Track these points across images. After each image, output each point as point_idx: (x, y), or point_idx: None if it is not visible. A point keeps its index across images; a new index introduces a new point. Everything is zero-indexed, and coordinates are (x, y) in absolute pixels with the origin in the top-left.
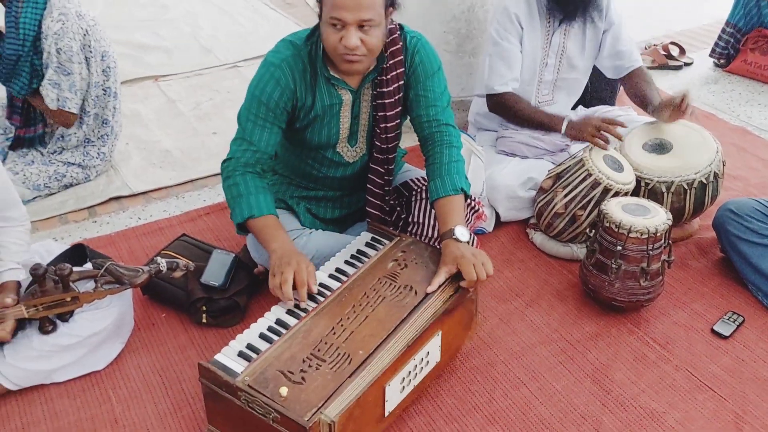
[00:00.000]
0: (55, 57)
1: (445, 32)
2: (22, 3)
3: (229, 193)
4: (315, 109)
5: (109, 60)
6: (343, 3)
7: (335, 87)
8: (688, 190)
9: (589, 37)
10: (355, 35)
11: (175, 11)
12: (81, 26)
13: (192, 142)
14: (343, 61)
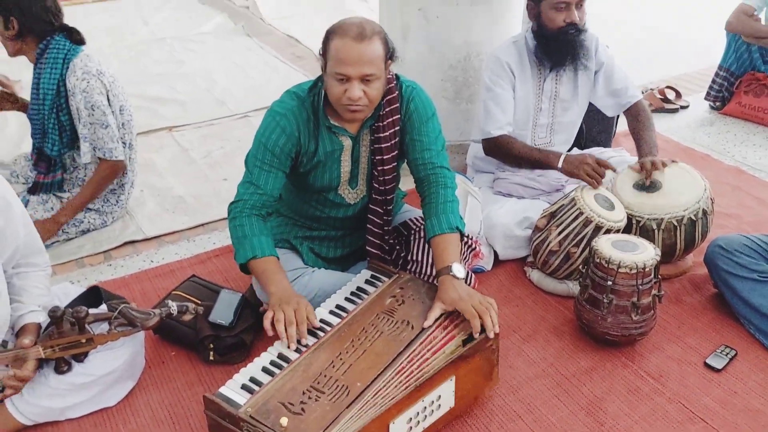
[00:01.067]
0: (86, 113)
1: (442, 80)
2: (43, 64)
3: (235, 233)
4: (317, 155)
5: (126, 114)
6: (347, 60)
7: (336, 134)
8: (678, 227)
9: (582, 80)
10: (358, 88)
11: (191, 66)
12: (103, 83)
13: (203, 188)
14: (347, 111)
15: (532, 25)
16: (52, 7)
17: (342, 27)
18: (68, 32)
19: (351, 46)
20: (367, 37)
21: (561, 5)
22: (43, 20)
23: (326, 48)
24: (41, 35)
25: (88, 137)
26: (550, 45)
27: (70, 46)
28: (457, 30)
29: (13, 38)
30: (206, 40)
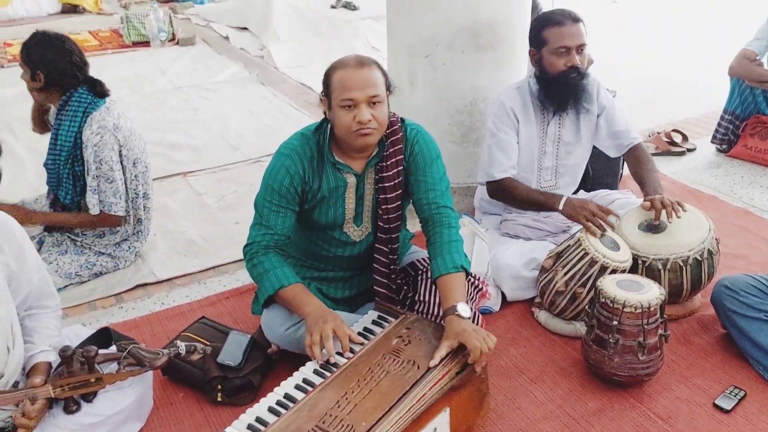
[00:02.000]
0: (95, 166)
1: (449, 125)
2: (64, 116)
3: (255, 271)
4: (321, 191)
5: (141, 166)
6: (353, 85)
7: (340, 171)
8: (684, 267)
9: (584, 123)
10: (366, 111)
11: (206, 113)
12: (117, 138)
13: (215, 231)
14: (359, 136)
15: (535, 70)
16: (78, 62)
17: (341, 61)
18: (92, 84)
19: (354, 72)
20: (367, 64)
21: (562, 50)
22: (68, 75)
23: (328, 83)
24: (65, 88)
25: (96, 189)
26: (552, 89)
27: (91, 99)
28: (464, 76)
29: (39, 89)
30: (222, 89)
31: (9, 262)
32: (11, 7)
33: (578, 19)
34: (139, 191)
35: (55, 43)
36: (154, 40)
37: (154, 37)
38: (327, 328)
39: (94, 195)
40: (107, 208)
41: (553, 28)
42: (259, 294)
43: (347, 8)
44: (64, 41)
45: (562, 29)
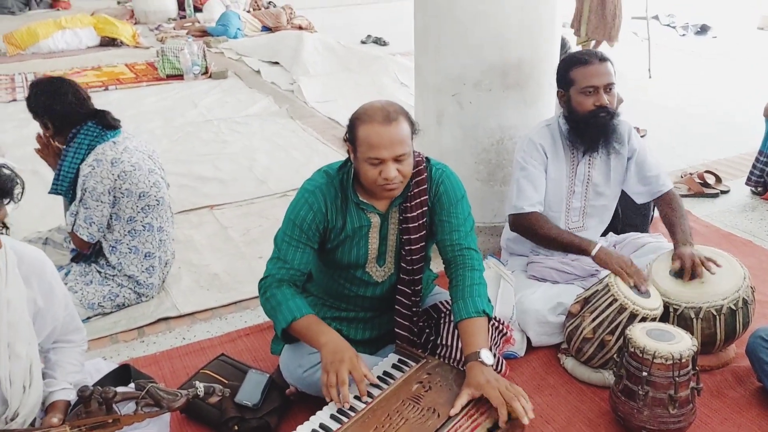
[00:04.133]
0: (80, 193)
1: (476, 163)
2: (70, 148)
3: (268, 304)
4: (345, 231)
5: (149, 199)
6: (380, 144)
7: (364, 211)
8: (717, 317)
9: (614, 165)
10: (393, 168)
11: (235, 146)
12: (113, 173)
13: (239, 265)
14: (383, 190)
15: (564, 110)
16: (73, 100)
17: (367, 113)
18: (100, 116)
19: (380, 130)
20: (394, 119)
21: (590, 89)
22: (70, 113)
23: (354, 135)
24: (74, 124)
25: (73, 212)
26: (581, 129)
27: (98, 133)
28: (490, 115)
29: (55, 135)
30: (251, 122)
31: (36, 299)
32: (52, 40)
33: (605, 59)
34: (149, 224)
35: (50, 89)
36: (188, 73)
37: (188, 70)
38: (343, 370)
39: (70, 217)
40: (75, 229)
41: (580, 68)
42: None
43: (377, 44)
44: (59, 84)
45: (590, 68)
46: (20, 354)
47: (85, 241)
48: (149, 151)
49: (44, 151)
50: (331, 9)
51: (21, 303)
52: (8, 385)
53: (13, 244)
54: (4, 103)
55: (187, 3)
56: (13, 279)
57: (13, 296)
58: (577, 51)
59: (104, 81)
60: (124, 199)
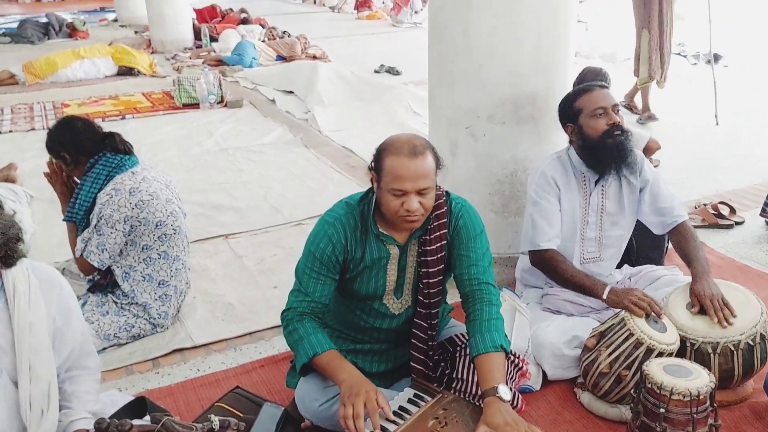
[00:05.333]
0: (95, 220)
1: (490, 194)
2: (87, 178)
3: (290, 338)
4: (364, 261)
5: (166, 228)
6: (405, 176)
7: (384, 242)
8: (735, 352)
9: (627, 194)
10: (415, 200)
11: (250, 175)
12: (130, 201)
13: (254, 295)
14: (405, 222)
15: (575, 143)
16: (83, 126)
17: (394, 144)
18: (109, 140)
19: (406, 163)
20: (420, 153)
21: (599, 111)
22: (82, 140)
23: (380, 165)
24: (89, 153)
25: (85, 238)
26: (596, 153)
27: (118, 162)
28: (504, 147)
29: (72, 168)
30: (266, 151)
31: (55, 317)
32: (70, 69)
33: (604, 85)
34: (165, 252)
35: (59, 125)
36: (204, 102)
37: (204, 99)
38: (359, 403)
39: (81, 242)
40: (86, 254)
41: (583, 96)
42: (295, 361)
43: (390, 73)
44: (65, 119)
45: (593, 94)
46: (40, 376)
47: (92, 267)
48: (166, 181)
49: (53, 177)
50: (344, 38)
51: (42, 326)
52: (28, 408)
53: (31, 265)
54: (23, 131)
55: (204, 32)
56: (35, 301)
57: (35, 319)
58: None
59: (121, 110)
60: (141, 227)
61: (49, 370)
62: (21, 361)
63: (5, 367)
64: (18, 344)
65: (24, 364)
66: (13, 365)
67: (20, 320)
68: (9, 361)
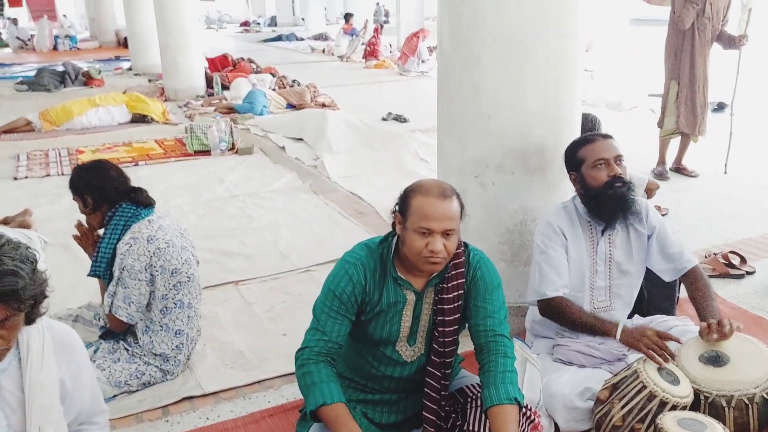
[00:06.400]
0: (117, 272)
1: (499, 243)
2: (108, 229)
3: (303, 380)
4: (380, 305)
5: (181, 276)
6: (433, 216)
7: (401, 287)
8: (750, 405)
9: (635, 242)
10: (440, 241)
11: (260, 221)
12: (149, 249)
13: (263, 343)
14: (427, 263)
15: (578, 191)
16: (115, 176)
17: (424, 186)
18: (134, 193)
19: (436, 203)
20: (449, 195)
21: (600, 163)
22: (109, 189)
23: (406, 205)
24: (112, 203)
25: (111, 293)
26: (599, 203)
27: (134, 212)
28: (513, 196)
29: (92, 212)
30: (276, 197)
31: (65, 380)
32: (86, 117)
33: (608, 136)
34: (181, 300)
35: (91, 167)
36: (215, 149)
37: (215, 146)
38: None
39: (109, 298)
40: (114, 310)
41: (587, 146)
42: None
43: (397, 120)
44: (99, 163)
45: (596, 145)
46: None
47: (122, 322)
48: (181, 229)
49: (83, 239)
50: (353, 87)
51: (53, 386)
52: None
53: (47, 322)
54: (38, 177)
55: (216, 81)
56: (47, 361)
57: (46, 379)
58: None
59: (134, 157)
60: (159, 276)
61: (59, 430)
62: (31, 421)
63: (14, 427)
64: (28, 404)
65: (34, 424)
66: (22, 425)
67: (32, 380)
68: (18, 421)
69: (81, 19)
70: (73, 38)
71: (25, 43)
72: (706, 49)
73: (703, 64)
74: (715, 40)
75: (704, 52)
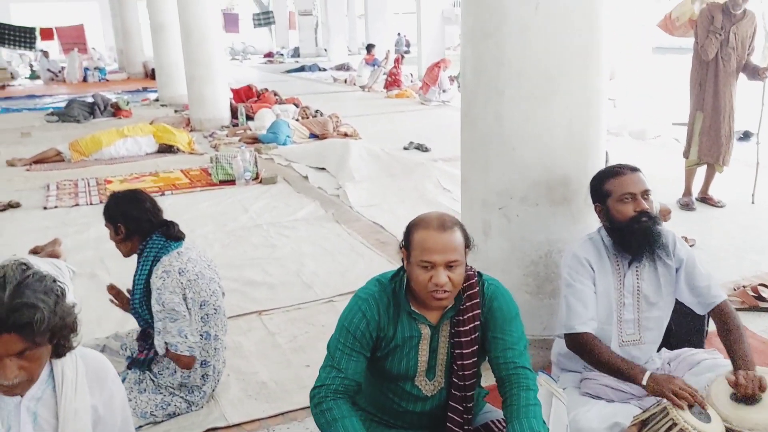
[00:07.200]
0: (158, 308)
1: (524, 275)
2: (140, 263)
3: (323, 417)
4: (396, 340)
5: (209, 308)
6: (433, 248)
7: (416, 321)
8: None
9: (662, 275)
10: (443, 274)
11: (283, 250)
12: (181, 282)
13: (286, 373)
14: (432, 297)
15: (604, 223)
16: (150, 207)
17: (424, 220)
18: (166, 227)
19: (435, 235)
20: (449, 227)
21: (627, 197)
22: (143, 220)
23: (409, 240)
24: (144, 234)
25: (161, 331)
26: (625, 237)
27: (163, 244)
28: (538, 228)
29: (123, 241)
30: (299, 226)
31: (97, 406)
32: (114, 147)
33: (636, 169)
34: (208, 332)
35: (128, 197)
36: (240, 179)
37: (240, 176)
38: None
39: (158, 336)
40: (173, 348)
41: (613, 179)
42: None
43: (419, 150)
44: (136, 193)
45: (623, 178)
46: None
47: (188, 357)
48: (207, 260)
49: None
50: (374, 116)
51: (86, 413)
52: None
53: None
54: (67, 207)
55: (240, 112)
56: (81, 389)
57: (80, 406)
58: (609, 166)
59: (161, 186)
60: (192, 309)
61: None
62: None
63: None
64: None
65: None
66: None
67: (67, 408)
68: None
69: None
70: (102, 70)
71: (56, 75)
72: (731, 79)
73: (728, 95)
74: (741, 70)
75: (729, 83)
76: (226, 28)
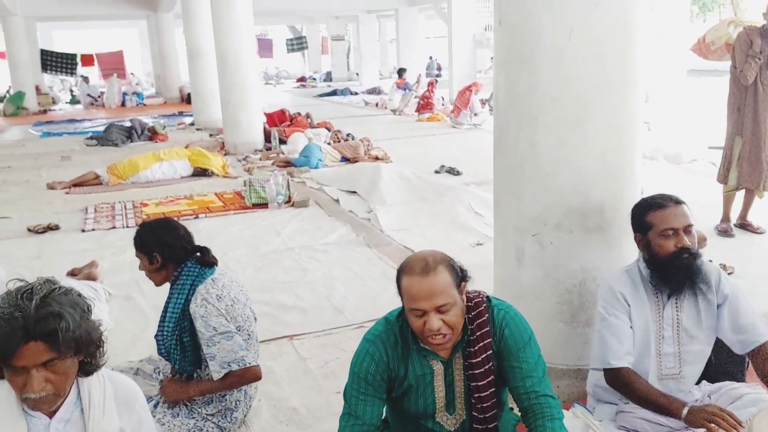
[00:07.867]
0: (209, 334)
1: (558, 303)
2: (175, 290)
3: None
4: (408, 379)
5: (243, 333)
6: (418, 296)
7: (426, 358)
8: None
9: (704, 308)
10: (435, 319)
11: (314, 274)
12: (219, 308)
13: (317, 400)
14: (430, 343)
15: (643, 255)
16: (184, 234)
17: (408, 265)
18: (200, 254)
19: (419, 281)
20: (432, 269)
21: (669, 232)
22: (179, 248)
23: (399, 286)
24: (178, 262)
25: (216, 356)
26: (665, 271)
27: (198, 271)
28: (572, 256)
29: (158, 270)
30: (330, 250)
31: (125, 430)
32: (150, 171)
33: (680, 201)
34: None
35: (162, 224)
36: (272, 202)
37: (272, 199)
38: None
39: (213, 361)
40: (239, 363)
41: (656, 212)
42: None
43: (450, 173)
44: (168, 221)
45: (666, 212)
46: None
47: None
48: (240, 285)
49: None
50: (405, 140)
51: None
52: None
53: (109, 374)
54: (104, 230)
55: (273, 136)
56: (109, 411)
57: (108, 428)
58: (650, 195)
59: (195, 209)
60: None
61: None
62: None
63: None
64: None
65: None
66: None
67: (95, 430)
68: None
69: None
70: (140, 95)
71: (96, 99)
72: None
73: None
74: None
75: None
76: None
